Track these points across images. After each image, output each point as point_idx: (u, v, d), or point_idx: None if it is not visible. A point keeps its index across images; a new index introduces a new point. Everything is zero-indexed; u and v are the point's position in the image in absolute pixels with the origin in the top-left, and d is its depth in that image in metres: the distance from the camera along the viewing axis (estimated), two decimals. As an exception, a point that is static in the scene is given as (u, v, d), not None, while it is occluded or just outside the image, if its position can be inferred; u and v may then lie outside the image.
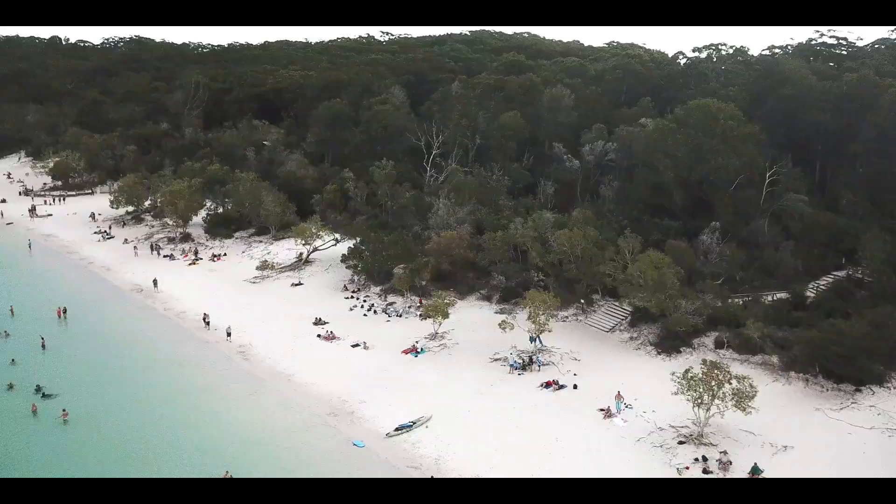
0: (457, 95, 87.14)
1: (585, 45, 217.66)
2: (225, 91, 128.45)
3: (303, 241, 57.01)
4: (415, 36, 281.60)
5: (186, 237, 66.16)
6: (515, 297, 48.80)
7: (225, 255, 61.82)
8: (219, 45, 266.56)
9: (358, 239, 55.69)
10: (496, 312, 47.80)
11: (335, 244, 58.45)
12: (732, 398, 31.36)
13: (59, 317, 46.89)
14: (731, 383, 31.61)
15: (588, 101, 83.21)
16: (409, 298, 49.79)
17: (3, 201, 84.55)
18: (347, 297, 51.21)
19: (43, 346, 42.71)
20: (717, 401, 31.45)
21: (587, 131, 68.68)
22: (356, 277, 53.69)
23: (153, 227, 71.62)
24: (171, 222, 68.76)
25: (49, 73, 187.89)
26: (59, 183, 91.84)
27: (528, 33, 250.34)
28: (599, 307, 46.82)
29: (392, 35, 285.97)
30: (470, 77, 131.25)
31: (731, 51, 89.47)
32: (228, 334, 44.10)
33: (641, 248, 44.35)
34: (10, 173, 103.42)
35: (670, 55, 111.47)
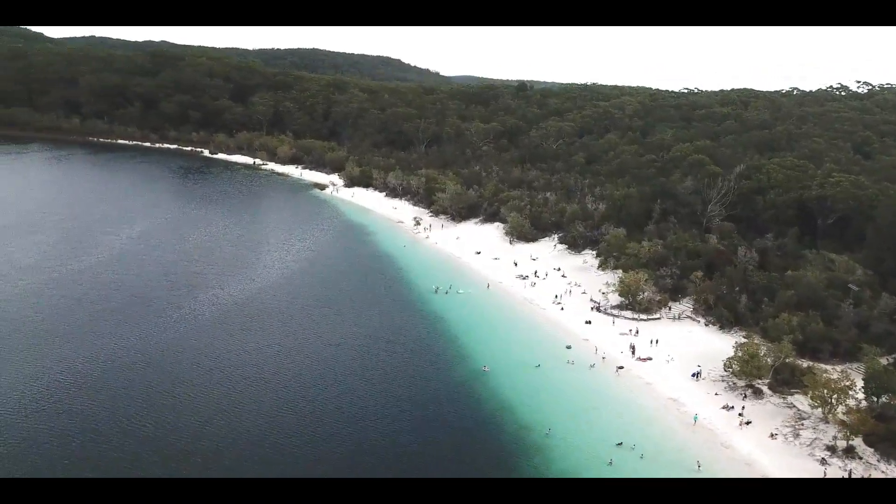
0: None
1: None
2: (755, 190, 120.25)
3: None
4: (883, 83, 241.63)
5: (850, 450, 58.43)
6: None
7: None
8: (675, 90, 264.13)
9: None
10: None
11: None
12: None
13: None
14: None
15: None
16: None
17: (589, 322, 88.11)
18: None
19: None
20: None
21: None
22: None
23: (786, 408, 65.71)
24: (817, 412, 62.42)
25: (539, 131, 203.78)
26: (626, 301, 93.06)
27: None
28: None
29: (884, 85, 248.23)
30: None
31: None
32: None
33: None
34: (560, 268, 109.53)
35: None
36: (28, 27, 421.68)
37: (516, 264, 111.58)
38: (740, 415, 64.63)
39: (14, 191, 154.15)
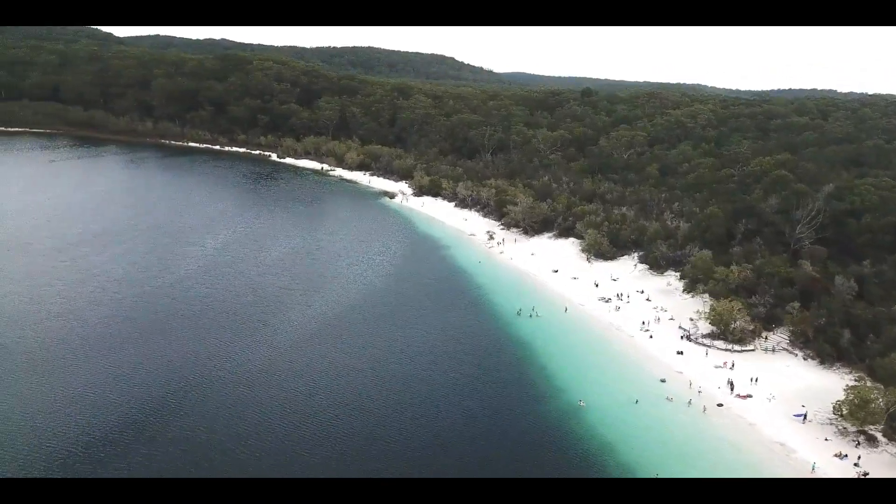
0: None
1: None
2: (847, 213, 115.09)
3: None
4: None
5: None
6: None
7: None
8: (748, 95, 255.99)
9: None
10: None
11: None
12: None
13: None
14: None
15: None
16: None
17: (681, 353, 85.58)
18: None
19: None
20: None
21: None
22: None
23: (902, 461, 62.64)
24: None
25: (609, 140, 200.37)
26: (717, 330, 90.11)
27: None
28: None
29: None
30: None
31: None
32: None
33: None
34: (643, 291, 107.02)
35: None
36: (98, 27, 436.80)
37: (597, 285, 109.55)
38: (856, 465, 61.78)
39: (98, 195, 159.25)
